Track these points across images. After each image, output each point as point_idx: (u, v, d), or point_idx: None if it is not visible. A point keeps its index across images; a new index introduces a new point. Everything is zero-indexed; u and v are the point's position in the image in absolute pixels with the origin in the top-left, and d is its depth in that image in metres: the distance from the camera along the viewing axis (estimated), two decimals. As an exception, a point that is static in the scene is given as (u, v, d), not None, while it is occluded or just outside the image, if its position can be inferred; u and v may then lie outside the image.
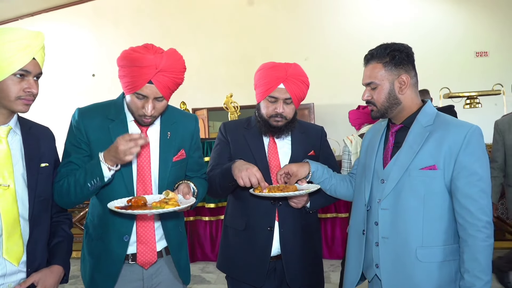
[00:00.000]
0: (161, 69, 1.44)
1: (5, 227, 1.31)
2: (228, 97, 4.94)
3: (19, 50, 1.29)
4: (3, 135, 1.36)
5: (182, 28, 7.71)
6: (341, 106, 6.83)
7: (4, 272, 1.32)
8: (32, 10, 8.26)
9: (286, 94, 1.78)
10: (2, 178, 1.32)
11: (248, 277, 1.81)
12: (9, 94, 1.31)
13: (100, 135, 1.56)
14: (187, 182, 1.60)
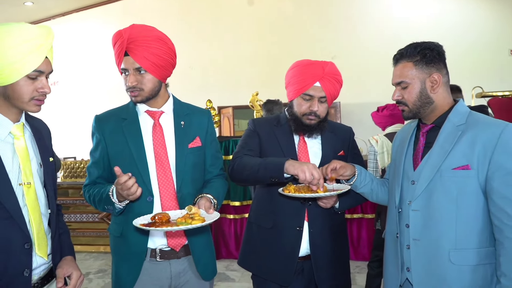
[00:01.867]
0: (129, 40, 1.53)
1: (34, 225, 1.33)
2: (254, 95, 4.93)
3: (32, 51, 1.26)
4: (20, 133, 1.34)
5: (209, 27, 7.75)
6: (368, 105, 6.70)
7: (35, 266, 1.36)
8: (63, 11, 8.46)
9: (321, 92, 1.76)
10: (25, 176, 1.32)
11: (275, 276, 1.80)
12: (23, 95, 1.28)
13: (115, 136, 1.64)
14: (206, 195, 1.60)
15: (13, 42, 1.23)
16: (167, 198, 1.62)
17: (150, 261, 1.62)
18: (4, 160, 1.28)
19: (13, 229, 1.27)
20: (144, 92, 1.59)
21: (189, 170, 1.65)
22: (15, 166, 1.31)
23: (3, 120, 1.32)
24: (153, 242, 1.62)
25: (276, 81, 7.30)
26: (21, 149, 1.34)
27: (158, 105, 1.67)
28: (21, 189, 1.31)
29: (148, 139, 1.64)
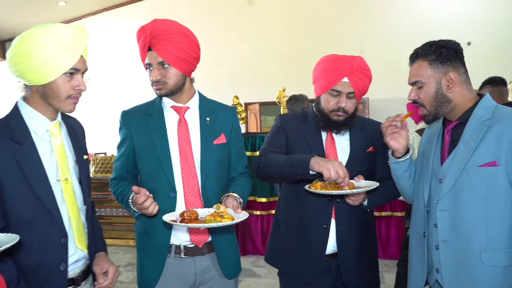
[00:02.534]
0: (151, 34, 1.54)
1: (72, 218, 1.38)
2: (281, 91, 4.91)
3: (68, 49, 1.30)
4: (57, 130, 1.39)
5: (236, 23, 7.76)
6: (397, 100, 6.54)
7: (77, 258, 1.41)
8: (94, 9, 8.66)
9: (350, 88, 1.72)
10: (62, 172, 1.37)
11: (301, 273, 1.78)
12: (60, 93, 1.32)
13: (141, 131, 1.65)
14: (232, 194, 1.59)
15: (50, 42, 1.27)
16: (190, 194, 1.61)
17: (175, 258, 1.63)
18: (43, 156, 1.33)
19: (51, 224, 1.32)
20: (168, 86, 1.59)
21: (213, 167, 1.65)
22: (53, 162, 1.36)
23: (41, 118, 1.36)
24: (177, 238, 1.63)
25: (304, 77, 7.23)
26: (58, 146, 1.38)
27: (184, 100, 1.67)
28: (59, 185, 1.36)
29: (173, 134, 1.65)
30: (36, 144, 1.33)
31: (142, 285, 1.66)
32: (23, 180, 1.28)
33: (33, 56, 1.26)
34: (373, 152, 1.83)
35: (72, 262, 1.39)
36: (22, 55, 1.27)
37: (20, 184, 1.28)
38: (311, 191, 1.61)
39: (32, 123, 1.35)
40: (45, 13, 8.37)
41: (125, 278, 3.97)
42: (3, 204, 1.28)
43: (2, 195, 1.27)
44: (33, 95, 1.36)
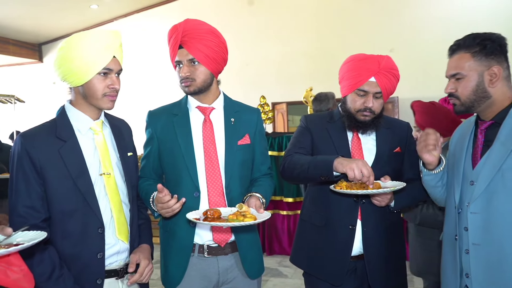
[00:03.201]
0: (183, 33, 1.59)
1: (114, 210, 1.46)
2: (308, 91, 4.89)
3: (101, 51, 1.40)
4: (99, 128, 1.50)
5: (264, 23, 7.77)
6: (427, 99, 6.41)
7: (118, 249, 1.49)
8: (125, 12, 8.88)
9: (376, 88, 1.70)
10: (104, 167, 1.47)
11: (326, 275, 1.77)
12: (96, 92, 1.43)
13: (166, 131, 1.69)
14: (255, 194, 1.60)
15: (85, 45, 1.39)
16: (214, 194, 1.64)
17: (198, 257, 1.65)
18: (85, 153, 1.44)
19: (89, 215, 1.41)
20: (196, 83, 1.62)
21: (237, 167, 1.66)
22: (96, 158, 1.46)
23: (84, 117, 1.48)
24: (200, 238, 1.65)
25: (331, 76, 7.16)
26: (100, 143, 1.48)
27: (209, 101, 1.70)
28: (102, 179, 1.45)
29: (198, 134, 1.67)
30: (79, 141, 1.44)
31: (166, 283, 1.69)
32: (66, 174, 1.39)
33: (71, 59, 1.39)
34: (400, 153, 1.80)
35: (114, 253, 1.47)
36: (63, 59, 1.41)
37: (63, 178, 1.39)
38: (336, 191, 1.60)
39: (76, 122, 1.47)
40: (79, 16, 8.65)
41: (154, 275, 4.05)
42: (48, 196, 1.39)
43: (47, 188, 1.38)
44: (76, 97, 1.48)
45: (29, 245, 1.08)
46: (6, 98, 6.87)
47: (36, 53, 9.84)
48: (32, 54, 9.74)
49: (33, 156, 1.37)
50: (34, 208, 1.37)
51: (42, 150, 1.39)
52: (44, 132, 1.43)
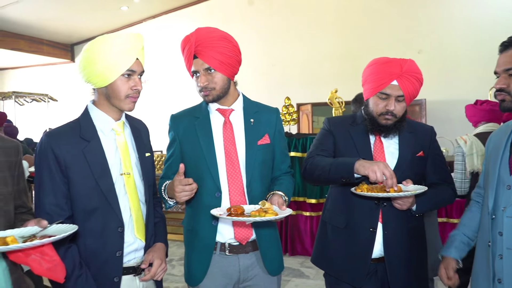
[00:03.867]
0: (196, 43, 1.61)
1: (133, 209, 1.50)
2: (333, 92, 4.88)
3: (125, 53, 1.42)
4: (121, 129, 1.53)
5: (289, 25, 7.79)
6: (456, 102, 6.27)
7: (136, 247, 1.52)
8: (153, 13, 9.07)
9: (399, 91, 1.70)
10: (125, 167, 1.50)
11: (347, 276, 1.79)
12: (120, 93, 1.45)
13: (188, 134, 1.73)
14: (278, 193, 1.63)
15: (109, 47, 1.41)
16: (236, 194, 1.67)
17: (220, 255, 1.69)
18: (107, 153, 1.47)
19: (110, 214, 1.45)
20: (216, 91, 1.66)
21: (258, 167, 1.70)
22: (117, 158, 1.49)
23: (107, 118, 1.51)
24: (222, 236, 1.69)
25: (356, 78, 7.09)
26: (122, 143, 1.52)
27: (228, 103, 1.73)
28: (122, 179, 1.48)
29: (218, 136, 1.71)
30: (101, 141, 1.48)
31: (189, 280, 1.74)
32: (89, 174, 1.42)
33: (95, 61, 1.41)
34: (423, 157, 1.79)
35: (132, 250, 1.51)
36: (87, 61, 1.43)
37: (86, 177, 1.42)
38: (357, 193, 1.61)
39: (99, 123, 1.50)
40: (109, 18, 8.90)
41: (178, 271, 4.14)
42: (71, 195, 1.43)
43: (70, 186, 1.42)
44: (100, 98, 1.51)
45: (62, 237, 1.14)
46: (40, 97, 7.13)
47: (69, 53, 10.18)
48: (65, 54, 10.08)
49: (58, 155, 1.41)
50: (59, 205, 1.41)
51: (67, 149, 1.42)
52: (68, 132, 1.47)
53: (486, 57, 6.31)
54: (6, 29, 8.54)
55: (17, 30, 8.71)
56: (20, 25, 8.27)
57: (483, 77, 6.08)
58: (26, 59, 9.75)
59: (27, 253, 1.11)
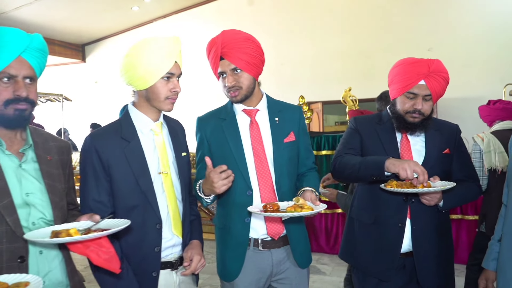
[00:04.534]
0: (222, 45, 1.68)
1: (170, 207, 1.55)
2: (347, 91, 4.92)
3: (164, 57, 1.47)
4: (159, 129, 1.58)
5: (299, 24, 7.83)
6: (469, 100, 6.30)
7: (173, 243, 1.58)
8: (163, 13, 9.14)
9: (426, 90, 1.75)
10: (163, 166, 1.55)
11: (375, 270, 1.84)
12: (160, 95, 1.50)
13: (216, 135, 1.78)
14: (309, 189, 1.69)
15: (149, 52, 1.47)
16: (266, 191, 1.73)
17: (254, 250, 1.75)
18: (146, 152, 1.53)
19: (148, 212, 1.50)
20: (243, 90, 1.71)
21: (285, 164, 1.75)
22: (155, 157, 1.54)
23: (146, 119, 1.56)
24: (255, 232, 1.74)
25: (366, 76, 7.18)
26: (160, 143, 1.57)
27: (253, 103, 1.79)
28: (160, 177, 1.53)
29: (246, 136, 1.76)
30: (141, 141, 1.53)
31: (224, 276, 1.79)
32: (129, 173, 1.48)
33: (136, 65, 1.47)
34: (449, 154, 1.84)
35: (169, 246, 1.56)
36: (129, 65, 1.49)
37: (126, 176, 1.48)
38: (387, 189, 1.66)
39: (139, 123, 1.55)
40: (120, 18, 8.98)
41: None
42: (113, 192, 1.49)
43: (112, 184, 1.48)
44: (139, 99, 1.56)
45: (118, 230, 1.21)
46: (54, 97, 7.22)
47: (80, 53, 10.27)
48: (76, 54, 10.18)
49: (102, 155, 1.47)
50: (102, 202, 1.47)
51: (109, 149, 1.48)
52: (110, 133, 1.52)
53: (498, 54, 6.36)
54: (19, 30, 8.66)
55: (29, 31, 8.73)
56: (33, 26, 8.36)
57: (495, 74, 6.11)
58: (38, 59, 9.85)
59: (86, 245, 1.18)
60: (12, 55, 1.27)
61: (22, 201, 1.29)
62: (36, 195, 1.33)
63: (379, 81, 6.58)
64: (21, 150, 1.35)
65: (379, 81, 6.50)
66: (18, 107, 1.29)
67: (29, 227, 1.29)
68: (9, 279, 0.94)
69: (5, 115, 1.29)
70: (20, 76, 1.30)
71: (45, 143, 1.44)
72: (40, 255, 1.31)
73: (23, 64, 1.30)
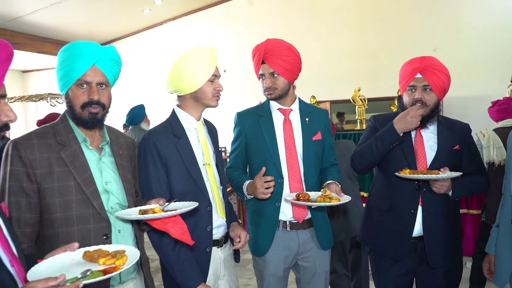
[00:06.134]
0: (265, 51, 1.97)
1: (215, 193, 1.80)
2: (356, 91, 5.13)
3: (208, 63, 1.75)
4: (201, 127, 1.84)
5: (306, 25, 7.98)
6: (473, 98, 6.48)
7: (219, 224, 1.84)
8: (173, 15, 9.34)
9: (423, 81, 1.96)
10: (207, 158, 1.81)
11: (390, 252, 2.06)
12: (208, 94, 1.78)
13: (253, 130, 2.05)
14: (334, 182, 1.94)
15: (195, 60, 1.74)
16: (294, 181, 2.00)
17: (282, 231, 2.02)
18: (193, 146, 1.78)
19: (200, 197, 1.73)
20: (277, 91, 2.00)
21: (312, 159, 2.02)
22: (200, 151, 1.80)
23: (191, 119, 1.82)
24: (284, 215, 2.01)
25: (373, 75, 7.36)
26: (203, 139, 1.83)
27: (288, 104, 2.07)
28: (205, 168, 1.79)
29: (279, 131, 2.03)
30: (188, 137, 1.79)
31: (256, 251, 2.06)
32: (182, 164, 1.73)
33: (184, 72, 1.73)
34: (459, 150, 2.04)
35: (216, 226, 1.81)
36: (176, 74, 1.75)
37: (180, 166, 1.73)
38: (401, 176, 1.88)
39: (185, 123, 1.81)
40: (132, 20, 9.20)
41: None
42: (169, 181, 1.73)
43: (168, 174, 1.73)
44: (185, 102, 1.81)
45: (190, 209, 1.47)
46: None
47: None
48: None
49: (159, 149, 1.72)
50: (162, 190, 1.72)
51: (165, 144, 1.73)
52: (164, 130, 1.78)
53: (502, 53, 6.53)
54: (34, 33, 8.88)
55: (44, 34, 9.04)
56: (48, 29, 8.61)
57: (499, 74, 6.29)
58: (51, 61, 10.11)
59: (164, 222, 1.42)
60: (87, 64, 1.50)
61: (103, 189, 1.54)
62: (113, 184, 1.57)
63: (385, 80, 6.83)
64: (100, 146, 1.60)
65: (386, 81, 6.75)
66: (92, 110, 1.52)
67: (109, 211, 1.53)
68: (108, 248, 1.17)
69: (82, 117, 1.52)
70: (94, 83, 1.52)
71: (117, 139, 1.69)
72: (119, 233, 1.56)
73: (97, 72, 1.52)
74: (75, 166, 1.48)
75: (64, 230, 1.45)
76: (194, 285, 1.68)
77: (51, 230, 1.45)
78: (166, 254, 1.69)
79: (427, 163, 1.99)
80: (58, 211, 1.44)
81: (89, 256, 1.12)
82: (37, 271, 1.03)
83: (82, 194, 1.47)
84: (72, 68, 1.49)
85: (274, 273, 2.03)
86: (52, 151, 1.47)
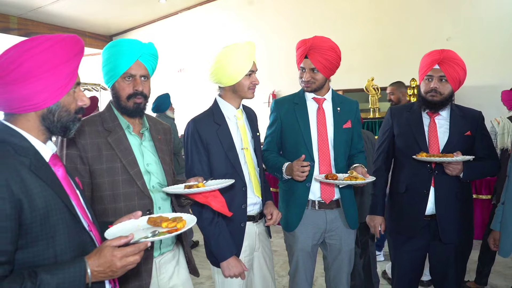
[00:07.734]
0: (310, 47, 2.09)
1: (251, 175, 2.00)
2: (370, 80, 5.25)
3: (246, 58, 1.92)
4: (240, 115, 2.03)
5: (321, 15, 8.01)
6: (485, 88, 6.54)
7: (255, 201, 2.04)
8: (188, 5, 9.47)
9: (440, 72, 2.13)
10: (244, 143, 2.01)
11: (404, 229, 2.25)
12: (245, 87, 1.96)
13: (289, 115, 2.23)
14: (360, 165, 2.11)
15: (236, 55, 1.91)
16: (324, 164, 2.18)
17: (311, 210, 2.21)
18: (232, 133, 1.98)
19: (236, 177, 1.92)
20: (314, 85, 2.18)
21: (342, 145, 2.20)
22: (238, 137, 2.00)
23: (230, 107, 2.02)
24: (313, 195, 2.20)
25: (387, 65, 7.42)
26: (241, 125, 2.02)
27: (322, 94, 2.24)
28: (243, 152, 1.99)
29: (313, 119, 2.21)
30: (228, 124, 1.98)
31: (286, 227, 2.26)
32: (221, 149, 1.93)
33: (227, 66, 1.91)
34: (471, 136, 2.20)
35: (251, 203, 2.02)
36: (218, 68, 1.93)
37: (219, 151, 1.93)
38: (418, 158, 2.05)
39: (225, 111, 2.01)
40: (147, 10, 9.35)
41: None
42: (210, 163, 1.93)
43: (210, 157, 1.93)
44: (226, 92, 2.01)
45: (228, 185, 1.67)
46: (92, 86, 7.67)
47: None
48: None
49: (202, 135, 1.92)
50: (203, 171, 1.92)
51: (207, 130, 1.93)
52: (206, 118, 1.98)
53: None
54: (54, 23, 9.09)
55: (63, 24, 9.24)
56: (67, 18, 8.82)
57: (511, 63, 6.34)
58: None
59: (205, 196, 1.62)
60: (131, 59, 1.67)
61: (145, 170, 1.73)
62: (153, 166, 1.76)
63: (398, 69, 6.92)
64: (141, 131, 1.79)
65: (398, 70, 6.85)
66: (136, 101, 1.70)
67: (151, 189, 1.73)
68: (168, 215, 1.36)
69: (128, 106, 1.71)
70: (138, 75, 1.70)
71: (155, 126, 1.88)
72: (159, 210, 1.75)
73: (140, 66, 1.71)
74: (120, 149, 1.67)
75: (112, 206, 1.64)
76: (226, 256, 1.90)
77: (101, 206, 1.65)
78: (204, 227, 1.91)
79: (439, 147, 2.16)
80: (107, 189, 1.64)
81: (153, 221, 1.32)
82: (111, 232, 1.23)
83: (127, 175, 1.65)
84: (118, 63, 1.66)
85: (303, 248, 2.22)
86: (101, 137, 1.67)
